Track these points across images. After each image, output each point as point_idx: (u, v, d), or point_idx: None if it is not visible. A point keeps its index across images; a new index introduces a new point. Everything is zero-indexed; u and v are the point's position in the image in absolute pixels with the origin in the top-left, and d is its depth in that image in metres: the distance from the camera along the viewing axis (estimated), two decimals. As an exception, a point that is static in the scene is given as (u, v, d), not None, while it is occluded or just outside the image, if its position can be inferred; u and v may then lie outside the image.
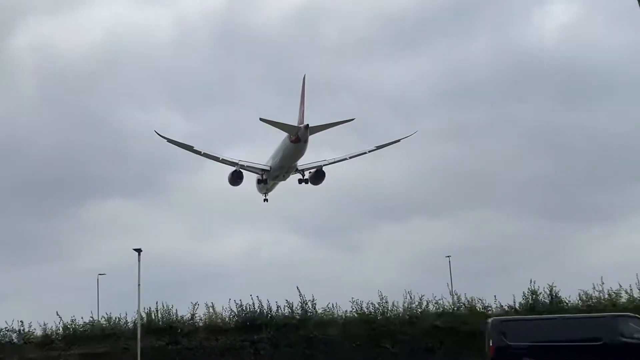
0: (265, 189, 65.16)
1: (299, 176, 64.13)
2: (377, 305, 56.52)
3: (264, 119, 55.83)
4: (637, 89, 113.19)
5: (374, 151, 63.86)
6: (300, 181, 64.03)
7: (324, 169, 63.88)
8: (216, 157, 62.21)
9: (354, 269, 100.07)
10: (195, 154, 61.30)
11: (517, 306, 55.77)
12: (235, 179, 62.49)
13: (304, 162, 63.05)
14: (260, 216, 77.17)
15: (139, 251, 53.39)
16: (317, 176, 63.79)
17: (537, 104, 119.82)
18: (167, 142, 60.22)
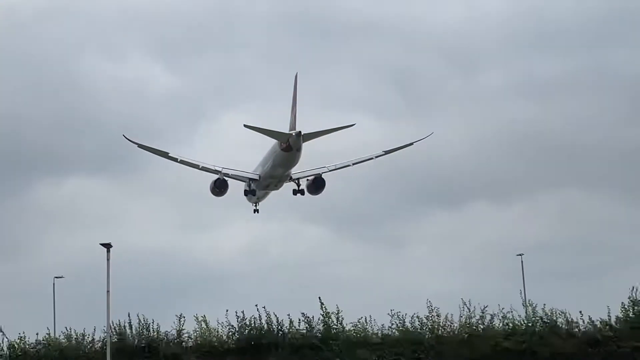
0: (255, 199, 63.88)
1: (293, 186, 62.36)
2: (424, 319, 51.02)
3: (249, 126, 55.34)
4: None
5: (382, 156, 62.75)
6: (295, 192, 62.29)
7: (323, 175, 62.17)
8: (195, 165, 60.87)
9: (394, 271, 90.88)
10: (171, 160, 60.73)
11: (614, 321, 51.00)
12: (218, 188, 60.92)
13: (300, 168, 60.86)
14: (267, 201, 66.25)
15: (108, 247, 49.02)
16: (316, 185, 61.70)
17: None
18: (137, 147, 59.53)
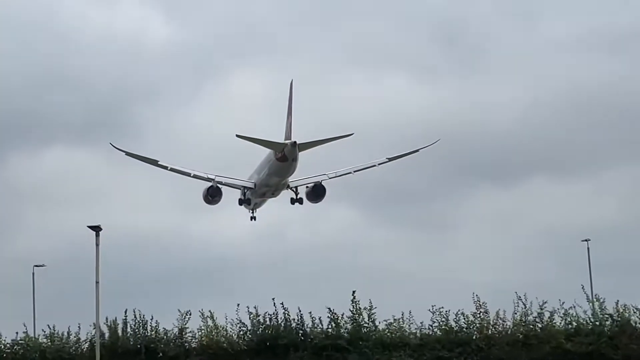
0: (252, 206, 64.06)
1: (291, 194, 62.52)
2: (471, 317, 47.90)
3: (241, 136, 55.71)
4: None
5: (385, 163, 62.86)
6: (293, 201, 62.59)
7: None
8: (186, 173, 61.46)
9: (436, 259, 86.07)
10: (161, 168, 61.21)
11: (702, 320, 47.88)
12: (211, 196, 61.48)
13: (298, 175, 61.03)
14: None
15: (97, 230, 47.20)
16: (316, 193, 61.90)
17: None
18: (125, 155, 60.08)
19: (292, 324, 48.18)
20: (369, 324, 48.17)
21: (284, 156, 57.59)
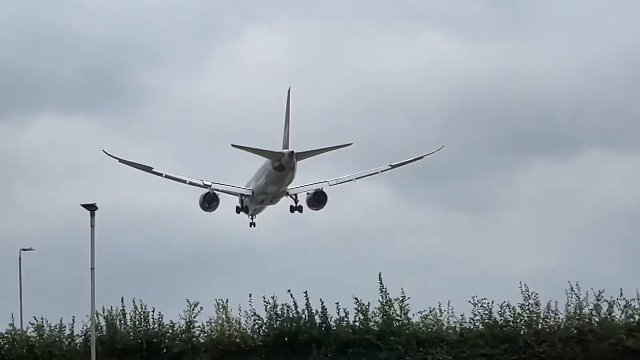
0: (251, 212, 65.21)
1: (291, 202, 63.77)
2: (519, 309, 44.91)
3: (237, 145, 57.35)
4: None
5: (388, 170, 63.91)
6: (292, 209, 63.74)
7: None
8: (182, 180, 62.62)
9: (477, 243, 79.75)
10: (156, 175, 62.39)
11: None
12: (208, 203, 62.59)
13: (298, 182, 62.32)
14: (301, 146, 60.41)
15: (92, 209, 44.86)
16: (317, 199, 62.78)
17: None
18: (118, 162, 61.18)
19: (314, 318, 45.32)
20: (401, 317, 45.05)
21: (281, 165, 59.18)
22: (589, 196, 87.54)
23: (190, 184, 63.00)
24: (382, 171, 63.97)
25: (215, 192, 62.95)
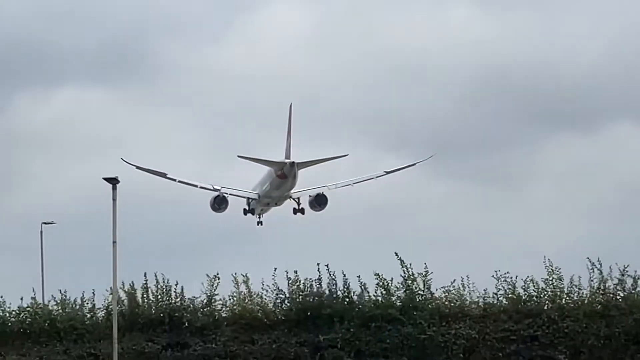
0: (258, 212, 68.33)
1: (294, 204, 67.44)
2: (543, 284, 44.89)
3: (242, 156, 62.15)
4: None
5: (382, 176, 67.21)
6: (295, 211, 67.19)
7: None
8: (193, 185, 65.53)
9: (501, 218, 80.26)
10: (170, 180, 65.32)
11: None
12: (217, 205, 65.82)
13: (300, 187, 65.87)
14: (326, 119, 66.39)
15: (114, 183, 44.60)
16: (318, 201, 66.31)
17: None
18: (136, 168, 62.94)
19: (337, 292, 45.71)
20: (424, 292, 45.49)
21: (284, 174, 63.81)
22: (615, 170, 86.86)
23: (201, 187, 66.52)
24: (377, 177, 67.64)
25: (224, 195, 66.71)
